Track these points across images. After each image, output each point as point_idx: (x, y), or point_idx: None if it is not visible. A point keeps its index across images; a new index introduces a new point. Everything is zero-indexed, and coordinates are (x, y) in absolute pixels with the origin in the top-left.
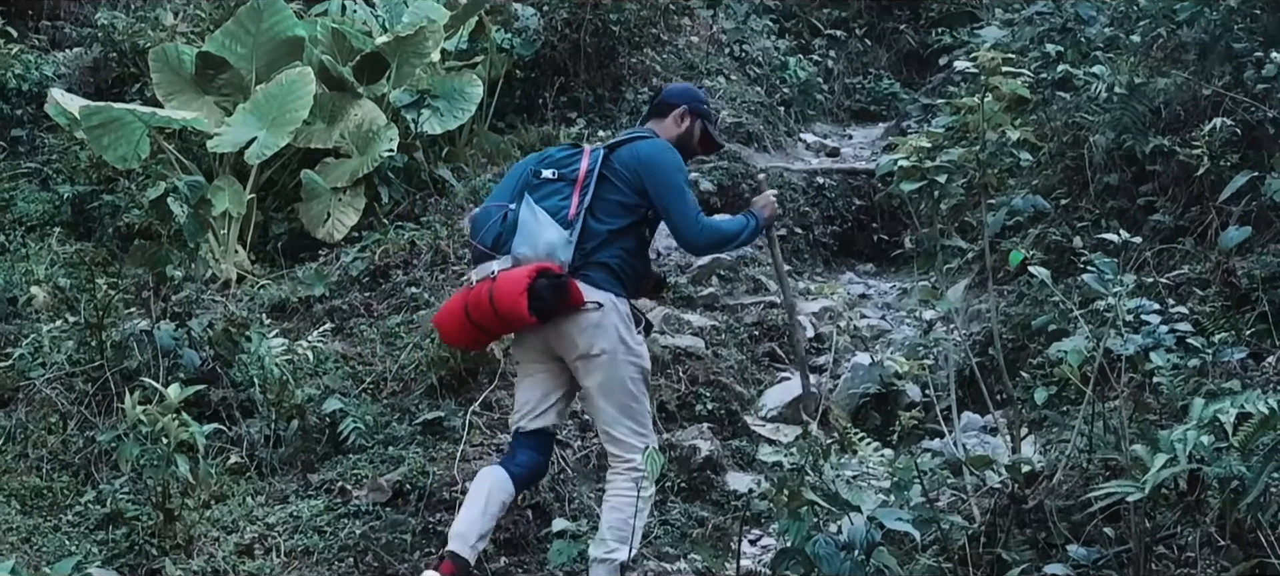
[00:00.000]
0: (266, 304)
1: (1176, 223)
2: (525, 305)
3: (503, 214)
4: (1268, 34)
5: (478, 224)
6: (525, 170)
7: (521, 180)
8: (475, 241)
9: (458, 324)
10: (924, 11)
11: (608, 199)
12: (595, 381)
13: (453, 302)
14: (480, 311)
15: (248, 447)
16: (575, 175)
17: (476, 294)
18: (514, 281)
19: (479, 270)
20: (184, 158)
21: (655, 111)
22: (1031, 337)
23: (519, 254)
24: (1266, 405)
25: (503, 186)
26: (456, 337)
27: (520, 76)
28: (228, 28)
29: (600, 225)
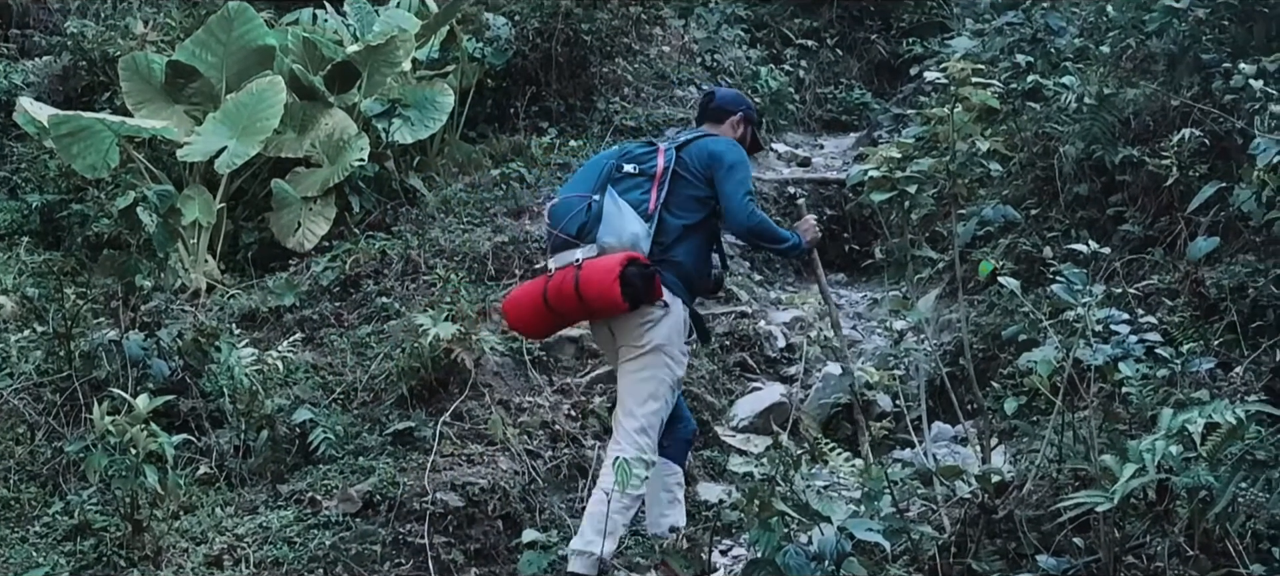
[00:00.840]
0: (236, 313)
1: (1146, 232)
2: (619, 292)
3: (587, 204)
4: (1235, 45)
5: (558, 213)
6: (607, 163)
7: (605, 173)
8: (557, 229)
9: (532, 310)
10: (895, 21)
11: (682, 194)
12: (634, 368)
13: (528, 289)
14: (562, 298)
15: (217, 458)
16: (654, 171)
17: (559, 281)
18: (605, 269)
19: (559, 258)
20: (153, 167)
21: (710, 116)
22: (1002, 348)
23: (604, 243)
24: (1234, 415)
25: (581, 178)
26: (528, 324)
27: (492, 86)
28: (198, 36)
29: (675, 220)
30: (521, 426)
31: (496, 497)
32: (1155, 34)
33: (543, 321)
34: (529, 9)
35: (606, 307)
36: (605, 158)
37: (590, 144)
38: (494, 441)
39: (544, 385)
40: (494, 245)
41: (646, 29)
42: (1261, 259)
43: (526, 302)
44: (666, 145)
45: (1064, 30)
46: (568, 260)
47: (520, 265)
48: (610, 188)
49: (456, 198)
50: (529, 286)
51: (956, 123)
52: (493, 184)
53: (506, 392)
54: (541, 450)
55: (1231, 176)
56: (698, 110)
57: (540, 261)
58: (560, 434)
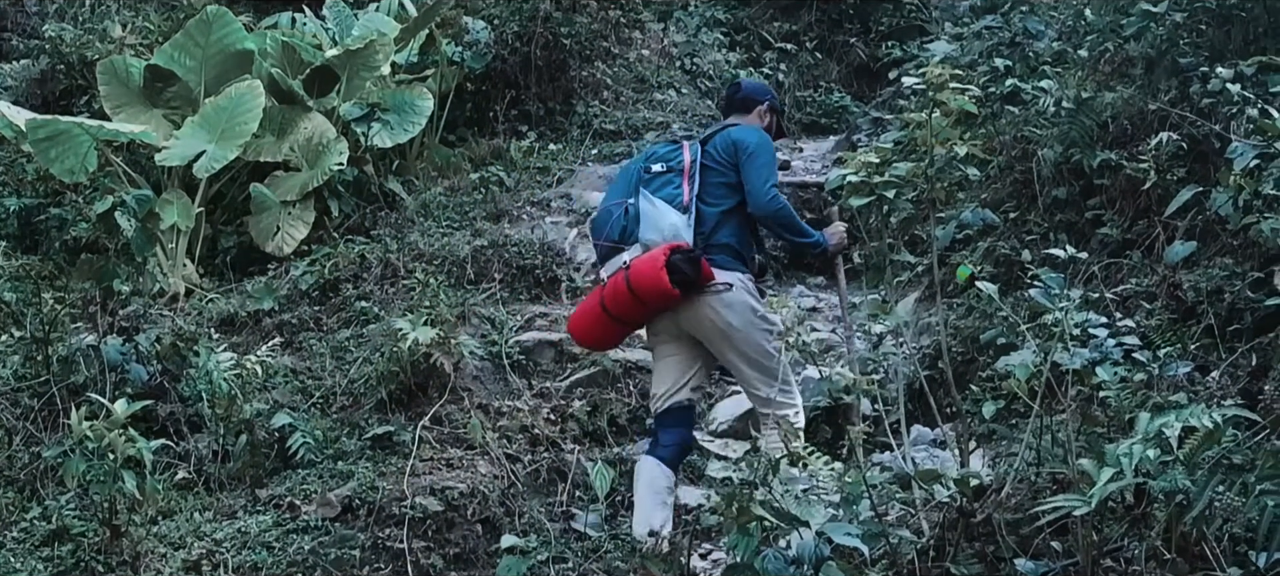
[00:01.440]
0: (215, 318)
1: (1124, 236)
2: (666, 279)
3: (623, 209)
4: (1213, 49)
5: (599, 225)
6: (635, 169)
7: (635, 177)
8: (600, 240)
9: (594, 321)
10: (874, 25)
11: (713, 183)
12: (735, 354)
13: (587, 304)
14: (619, 301)
15: (195, 463)
16: (681, 166)
17: (612, 286)
18: (650, 261)
19: (608, 266)
20: (132, 171)
21: (737, 107)
22: (980, 351)
23: (647, 240)
24: (1211, 419)
25: (616, 188)
26: (594, 336)
27: (471, 90)
28: (176, 40)
29: (711, 209)
30: (501, 430)
31: (476, 502)
32: (1133, 38)
33: (607, 330)
34: (508, 13)
35: (661, 298)
36: (633, 165)
37: (569, 148)
38: (473, 445)
39: (523, 389)
40: (473, 249)
41: (626, 33)
42: (1238, 262)
43: (589, 316)
44: (691, 141)
45: (1042, 34)
46: (617, 265)
47: (500, 269)
48: (642, 189)
49: (436, 201)
50: (587, 301)
51: (935, 127)
52: (472, 188)
53: (486, 397)
54: (521, 454)
55: (1209, 180)
56: (724, 102)
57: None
58: (540, 438)
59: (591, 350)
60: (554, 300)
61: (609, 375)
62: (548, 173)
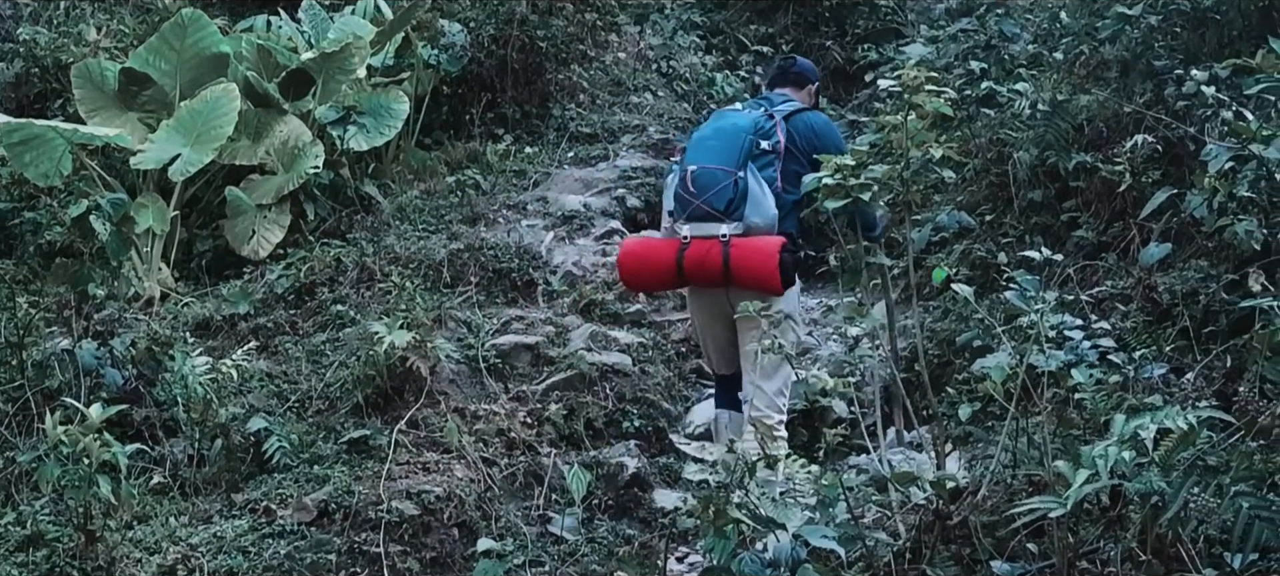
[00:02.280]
0: (190, 322)
1: (1099, 238)
2: (779, 277)
3: (733, 180)
4: (1187, 52)
5: (704, 183)
6: (745, 139)
7: (746, 148)
8: (703, 200)
9: (659, 270)
10: (850, 28)
11: (790, 169)
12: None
13: (655, 248)
14: (705, 268)
15: (171, 467)
16: (779, 146)
17: (702, 250)
18: (764, 252)
19: (699, 227)
20: (107, 175)
21: (792, 81)
22: (956, 353)
23: (751, 222)
24: (1186, 421)
25: (719, 148)
26: (645, 281)
27: (447, 93)
28: (151, 44)
29: (789, 196)
30: (477, 434)
31: (452, 506)
32: (1108, 41)
33: (664, 282)
34: (484, 16)
35: (757, 286)
36: (739, 130)
37: (546, 151)
38: (449, 449)
39: (500, 393)
40: (449, 252)
41: (602, 36)
42: (1213, 264)
43: (653, 261)
44: (778, 117)
45: (1018, 37)
46: (710, 232)
47: (476, 272)
48: (751, 164)
49: (412, 205)
50: (655, 245)
51: (910, 130)
52: (448, 191)
53: (462, 400)
54: (497, 458)
55: (1183, 182)
56: (776, 73)
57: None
58: (516, 442)
59: (632, 288)
60: (530, 303)
61: (586, 378)
62: (524, 176)
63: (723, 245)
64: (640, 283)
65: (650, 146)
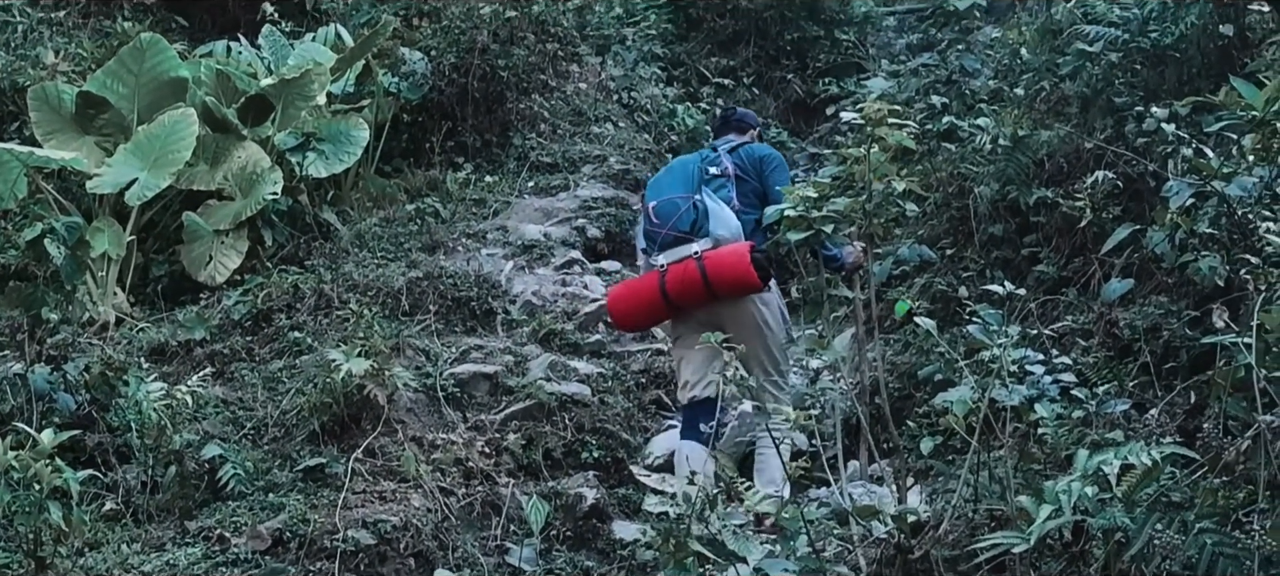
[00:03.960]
0: (145, 347)
1: (1060, 273)
2: (755, 274)
3: (691, 203)
4: (1147, 89)
5: (666, 212)
6: (694, 166)
7: (697, 175)
8: (666, 228)
9: (647, 304)
10: (811, 62)
11: (745, 190)
12: (763, 350)
13: (638, 286)
14: (686, 286)
15: (124, 494)
16: (727, 171)
17: (681, 272)
18: (733, 254)
19: (672, 253)
20: (62, 198)
21: (733, 128)
22: (917, 387)
23: (718, 236)
24: (1149, 456)
25: (673, 181)
26: (637, 318)
27: (407, 120)
28: (110, 67)
29: (747, 215)
30: (435, 463)
31: (409, 535)
32: (1069, 77)
33: (656, 313)
34: (446, 44)
35: (741, 288)
36: (689, 162)
37: (506, 180)
38: (407, 478)
39: (458, 421)
40: (408, 280)
41: (563, 66)
42: (1173, 300)
43: (641, 297)
44: (722, 151)
45: (979, 72)
46: (683, 254)
47: (435, 301)
48: (705, 187)
49: (371, 232)
50: (638, 283)
51: (873, 163)
52: (407, 219)
53: (420, 429)
54: (455, 487)
55: (1144, 218)
56: (719, 123)
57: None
58: (474, 471)
59: (623, 330)
60: (489, 332)
61: (544, 408)
62: (484, 205)
63: (697, 261)
64: (632, 321)
65: (611, 177)
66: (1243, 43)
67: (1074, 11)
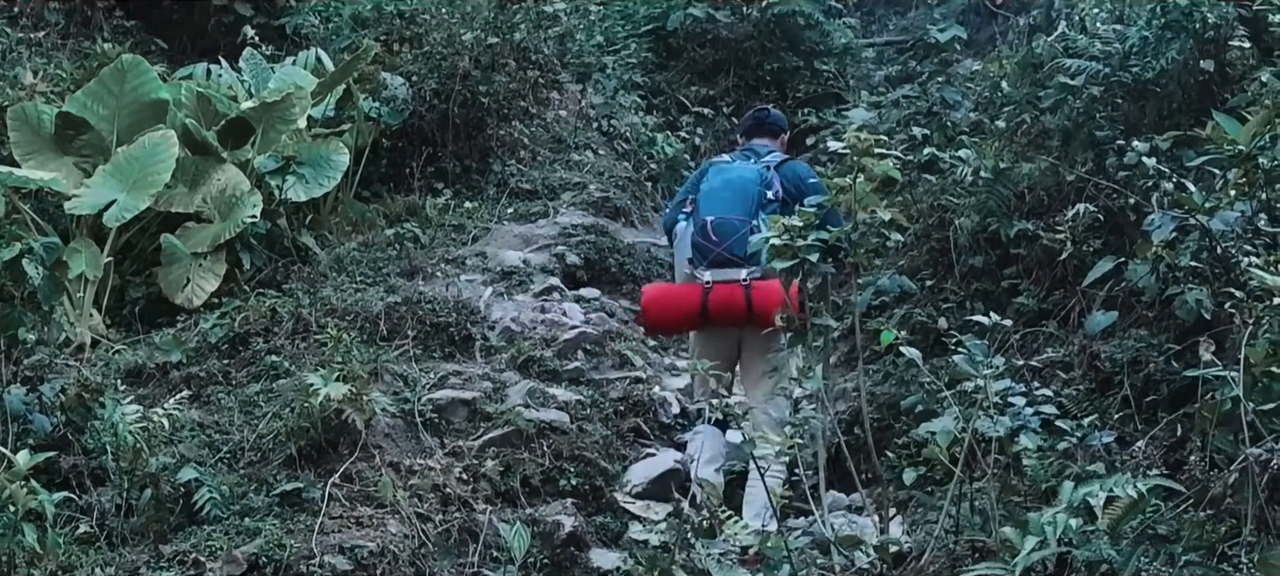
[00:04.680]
0: (122, 369)
1: (1040, 306)
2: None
3: (749, 228)
4: (1128, 123)
5: (725, 233)
6: (753, 189)
7: (756, 199)
8: (723, 248)
9: (683, 314)
10: (791, 92)
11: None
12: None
13: (679, 294)
14: (730, 308)
15: (98, 517)
16: (778, 194)
17: (725, 294)
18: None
19: (720, 272)
20: (40, 219)
21: (767, 131)
22: (897, 417)
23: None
24: (1136, 489)
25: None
26: (670, 324)
27: (387, 145)
28: (90, 88)
29: None
30: (412, 489)
31: (386, 562)
32: (1050, 110)
33: (689, 325)
34: (427, 70)
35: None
36: (747, 182)
37: (485, 206)
38: (384, 504)
39: (436, 448)
40: (387, 305)
41: (544, 93)
42: (1153, 334)
43: (680, 306)
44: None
45: (959, 104)
46: (731, 276)
47: (413, 326)
48: (762, 212)
49: (349, 257)
50: (678, 291)
51: (858, 192)
52: (386, 244)
53: (397, 454)
54: (432, 514)
55: (1124, 252)
56: (752, 124)
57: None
58: (451, 497)
59: (650, 332)
60: (468, 358)
61: (523, 435)
62: (463, 230)
63: (744, 288)
64: (664, 326)
65: (591, 204)
66: (1223, 78)
67: (1055, 45)
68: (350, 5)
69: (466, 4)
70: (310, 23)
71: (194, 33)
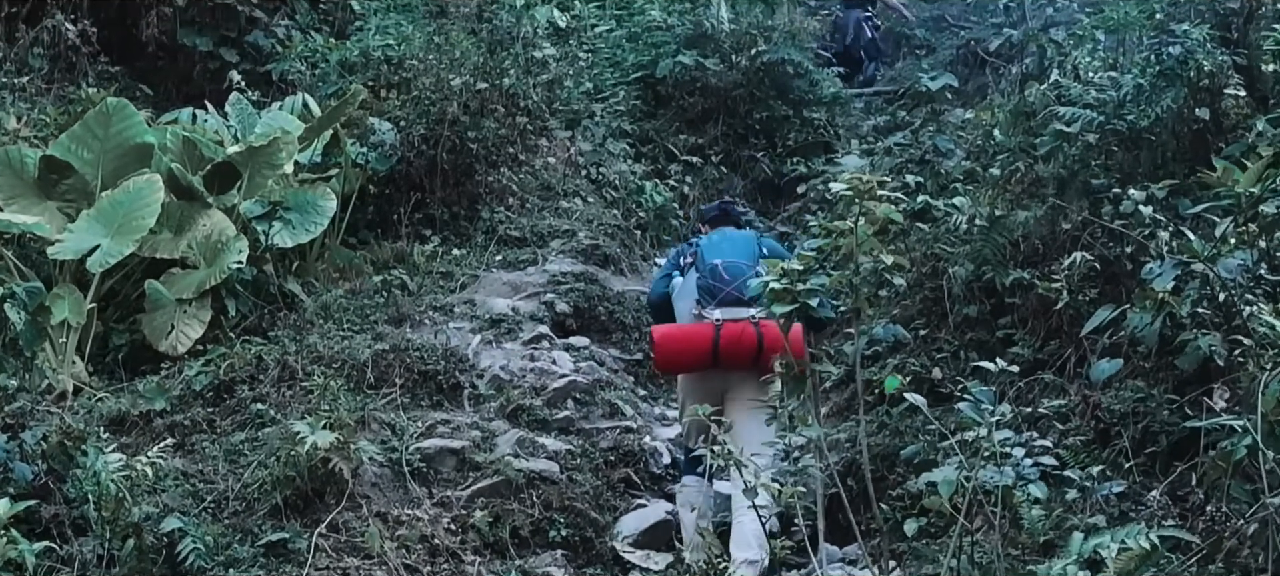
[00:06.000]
0: (104, 417)
1: (1035, 356)
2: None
3: (754, 272)
4: (1123, 171)
5: (735, 273)
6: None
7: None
8: (733, 287)
9: (700, 351)
10: (780, 141)
11: None
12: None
13: (690, 332)
14: (740, 346)
15: (80, 567)
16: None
17: (737, 331)
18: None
19: (730, 311)
20: (22, 264)
21: (732, 221)
22: (891, 468)
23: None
24: (1148, 540)
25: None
26: (682, 361)
27: (374, 192)
28: (74, 132)
29: None
30: (400, 540)
31: None
32: (1044, 158)
33: (700, 362)
34: (415, 115)
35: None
36: (746, 238)
37: (474, 253)
38: (371, 555)
39: (424, 498)
40: (374, 353)
41: (532, 140)
42: (1150, 384)
43: (692, 344)
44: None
45: (952, 153)
46: (740, 315)
47: (401, 374)
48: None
49: (336, 303)
50: (689, 330)
51: (859, 236)
52: (374, 291)
53: (385, 504)
54: (420, 565)
55: (1120, 300)
56: (716, 213)
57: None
58: (439, 548)
59: (661, 369)
60: (456, 407)
61: (512, 485)
62: (451, 278)
63: (754, 326)
64: (675, 363)
65: (580, 252)
66: (1217, 127)
67: (1048, 94)
68: (337, 51)
69: (454, 49)
70: (297, 69)
71: (179, 79)
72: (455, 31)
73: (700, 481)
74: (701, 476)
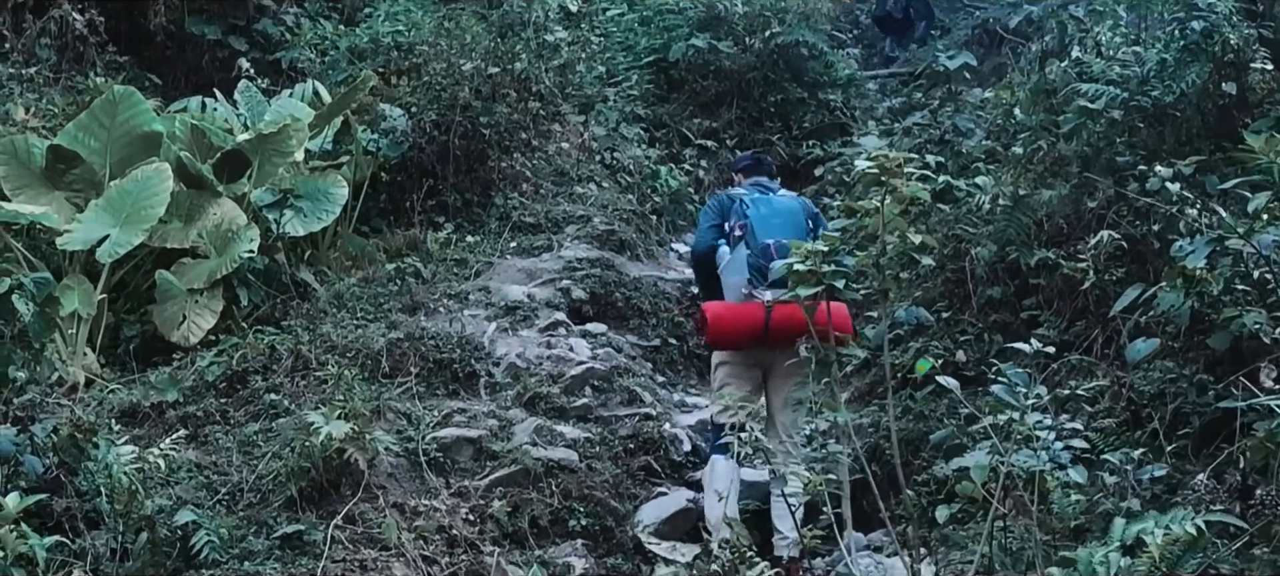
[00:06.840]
0: (116, 409)
1: (1062, 337)
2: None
3: None
4: (1148, 149)
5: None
6: (803, 218)
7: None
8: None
9: (752, 328)
10: (795, 124)
11: None
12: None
13: (742, 310)
14: (791, 325)
15: (92, 561)
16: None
17: (788, 311)
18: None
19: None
20: (31, 255)
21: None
22: (916, 453)
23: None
24: (1194, 525)
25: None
26: (735, 337)
27: (386, 178)
28: (81, 120)
29: None
30: (417, 531)
31: None
32: (1067, 136)
33: (752, 340)
34: (426, 101)
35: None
36: (794, 211)
37: (488, 240)
38: (388, 546)
39: (441, 488)
40: (388, 342)
41: (546, 125)
42: (1180, 365)
43: (743, 321)
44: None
45: (972, 132)
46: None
47: (416, 363)
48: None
49: (349, 292)
50: (740, 309)
51: (887, 215)
52: (387, 279)
53: (401, 495)
54: (438, 556)
55: (1147, 279)
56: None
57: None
58: (458, 539)
59: (712, 344)
60: (472, 395)
61: (530, 474)
62: (465, 265)
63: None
64: (727, 339)
65: (595, 237)
66: (1243, 102)
67: (1069, 71)
68: (346, 37)
69: (465, 34)
70: (306, 56)
71: (188, 68)
72: (465, 16)
73: (730, 463)
74: (730, 459)
